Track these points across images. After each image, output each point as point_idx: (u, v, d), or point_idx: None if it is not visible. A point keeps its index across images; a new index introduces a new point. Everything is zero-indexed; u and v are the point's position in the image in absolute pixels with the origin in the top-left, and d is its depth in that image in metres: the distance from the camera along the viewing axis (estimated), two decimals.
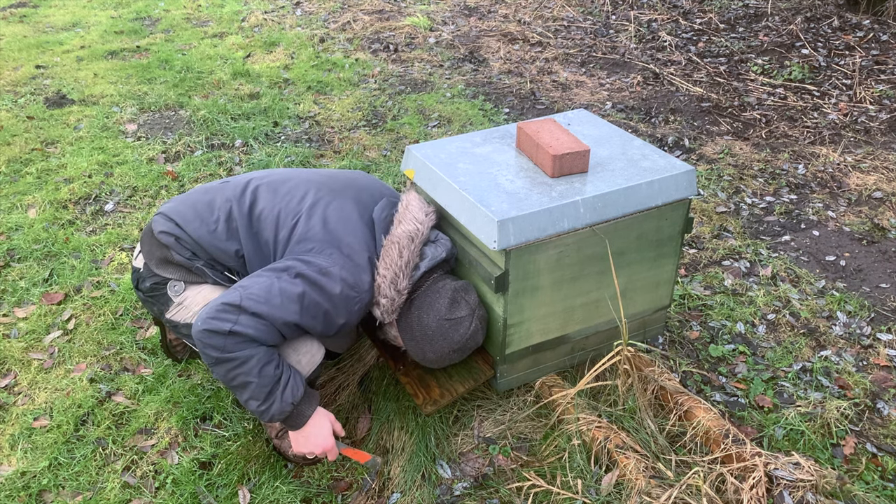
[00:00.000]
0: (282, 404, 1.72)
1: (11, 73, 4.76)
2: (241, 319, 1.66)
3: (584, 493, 1.78)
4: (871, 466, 1.95)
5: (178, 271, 1.87)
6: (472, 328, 1.82)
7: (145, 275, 1.90)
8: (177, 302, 1.87)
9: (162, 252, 1.88)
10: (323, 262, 1.74)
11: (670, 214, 1.96)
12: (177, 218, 1.90)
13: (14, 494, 1.93)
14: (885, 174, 3.38)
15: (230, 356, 1.66)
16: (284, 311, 1.69)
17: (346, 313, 1.76)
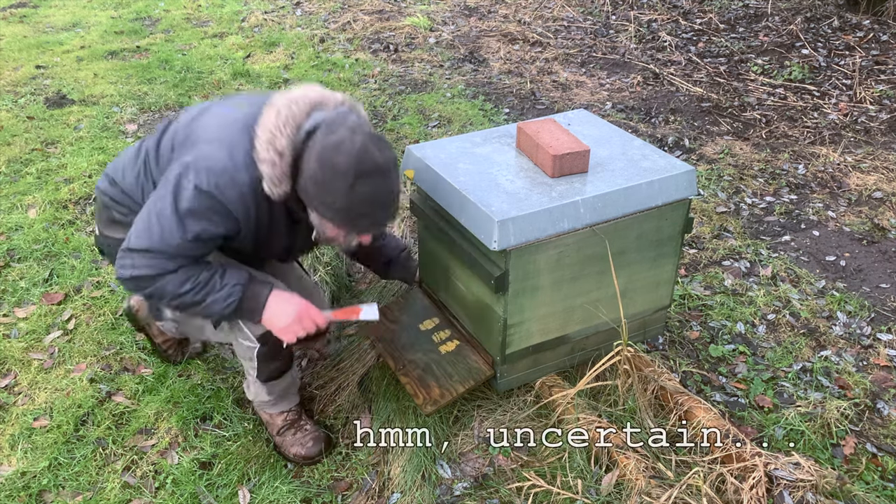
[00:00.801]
0: (225, 293, 1.65)
1: (11, 73, 4.76)
2: (136, 261, 1.61)
3: (584, 493, 1.78)
4: (871, 466, 1.95)
5: (124, 230, 1.77)
6: (358, 145, 1.52)
7: (101, 240, 1.90)
8: None
9: (106, 212, 1.86)
10: (188, 159, 1.60)
11: (670, 214, 1.96)
12: (113, 173, 1.86)
13: (14, 494, 1.93)
14: (885, 174, 3.38)
15: (151, 292, 1.65)
16: (170, 235, 1.58)
17: (233, 201, 1.58)
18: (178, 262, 1.63)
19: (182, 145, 1.67)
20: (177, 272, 1.63)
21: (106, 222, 1.87)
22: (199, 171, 1.57)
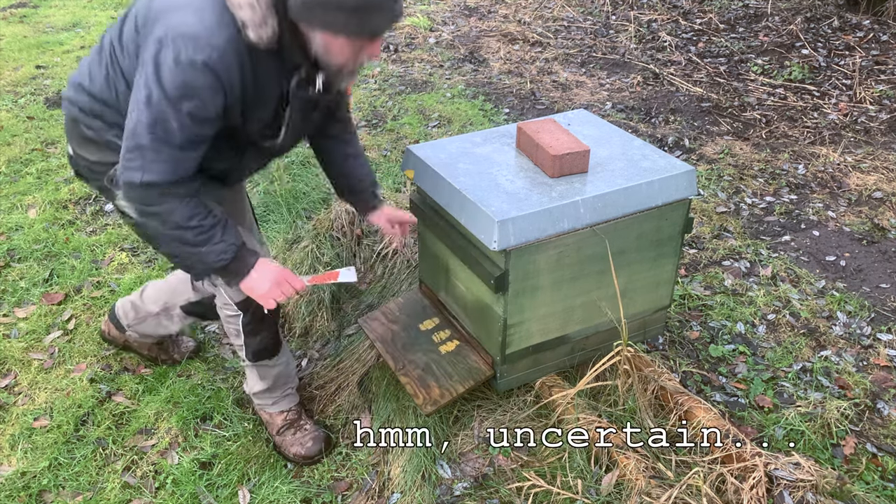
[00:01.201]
0: (221, 248, 1.60)
1: (11, 74, 4.76)
2: (146, 160, 1.47)
3: (584, 493, 1.78)
4: (871, 466, 1.95)
5: (101, 151, 1.66)
6: None
7: (75, 160, 1.74)
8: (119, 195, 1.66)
9: (75, 128, 1.69)
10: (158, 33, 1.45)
11: (670, 214, 1.96)
12: (80, 79, 1.67)
13: (14, 494, 1.93)
14: (885, 174, 3.38)
15: (155, 212, 1.54)
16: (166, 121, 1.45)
17: (215, 64, 1.44)
18: (187, 170, 1.51)
19: (146, 24, 1.51)
20: (186, 200, 1.53)
21: (78, 140, 1.70)
22: (175, 41, 1.43)
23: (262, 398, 2.04)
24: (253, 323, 1.89)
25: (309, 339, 2.45)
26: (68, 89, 1.71)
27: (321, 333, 2.45)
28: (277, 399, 2.03)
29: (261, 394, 2.03)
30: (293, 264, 2.63)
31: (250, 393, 2.05)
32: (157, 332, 2.22)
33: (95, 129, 1.65)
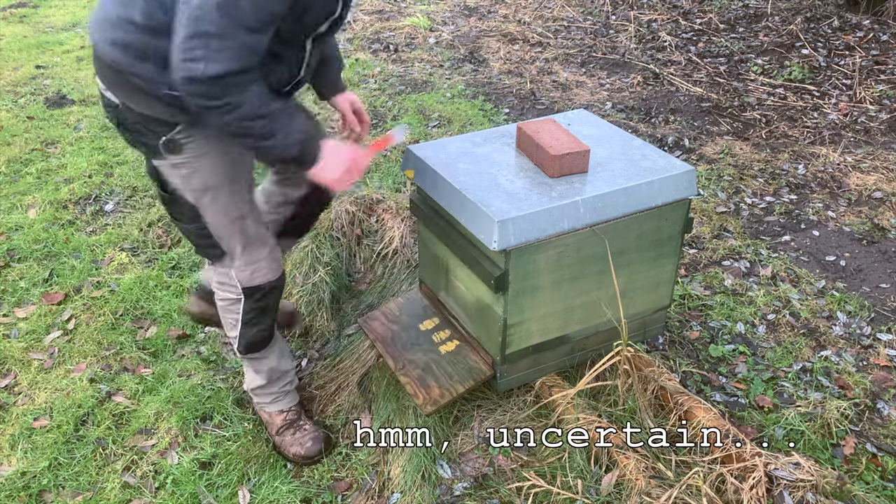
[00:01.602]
0: (295, 129, 1.49)
1: (11, 73, 4.77)
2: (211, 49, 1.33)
3: (584, 493, 1.78)
4: (871, 466, 1.95)
5: (152, 105, 1.51)
6: None
7: (121, 112, 1.56)
8: (171, 162, 1.59)
9: (120, 78, 1.51)
10: None
11: (670, 214, 1.96)
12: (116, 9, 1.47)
13: (14, 494, 1.93)
14: (885, 174, 3.38)
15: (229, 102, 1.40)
16: (235, 5, 1.33)
17: None
18: (255, 57, 1.40)
19: None
20: (253, 89, 1.41)
21: (125, 90, 1.52)
22: None
23: (260, 395, 2.03)
24: (253, 312, 1.86)
25: (309, 339, 2.45)
26: (99, 30, 1.50)
27: (321, 333, 2.45)
28: (276, 397, 2.02)
29: (258, 390, 2.02)
30: (293, 264, 2.63)
31: (249, 390, 2.04)
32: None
33: (146, 78, 1.48)
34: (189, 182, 1.65)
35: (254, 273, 1.80)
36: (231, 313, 1.88)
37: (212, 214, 1.70)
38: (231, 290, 1.84)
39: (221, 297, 1.88)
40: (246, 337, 1.90)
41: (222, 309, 1.90)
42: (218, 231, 1.73)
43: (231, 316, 1.89)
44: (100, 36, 1.51)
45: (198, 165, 1.62)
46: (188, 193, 1.67)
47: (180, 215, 1.73)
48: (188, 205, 1.69)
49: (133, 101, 1.53)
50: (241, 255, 1.77)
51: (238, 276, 1.80)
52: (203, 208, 1.69)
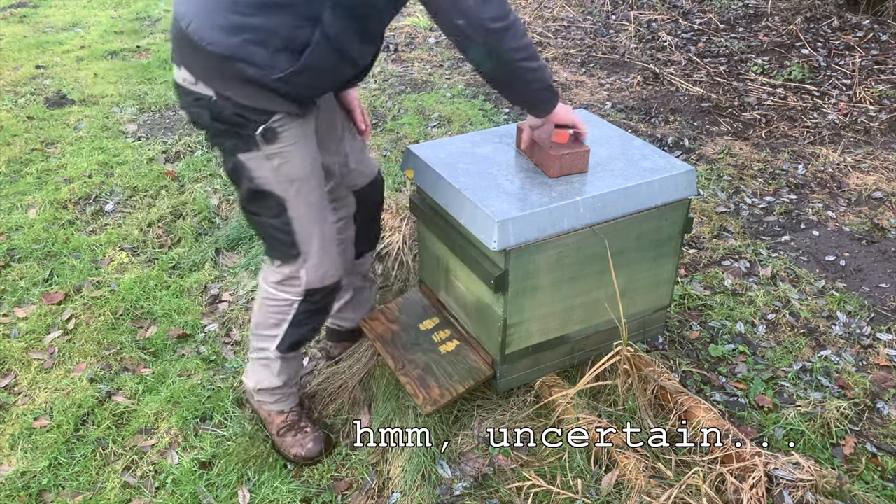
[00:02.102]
0: (545, 67, 1.63)
1: (11, 73, 4.77)
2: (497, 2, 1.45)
3: (584, 492, 1.79)
4: (871, 466, 1.95)
5: (258, 94, 1.48)
6: None
7: (221, 107, 1.50)
8: (265, 152, 1.56)
9: (228, 67, 1.45)
10: None
11: (670, 214, 1.96)
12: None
13: (14, 494, 1.93)
14: (885, 174, 3.38)
15: (516, 46, 1.52)
16: None
17: None
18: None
19: None
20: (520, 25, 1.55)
21: (229, 79, 1.46)
22: None
23: (265, 395, 2.01)
24: (308, 312, 1.82)
25: None
26: (201, 16, 1.44)
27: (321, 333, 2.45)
28: (280, 398, 2.02)
29: (267, 391, 2.00)
30: None
31: (254, 389, 2.01)
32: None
33: (258, 64, 1.44)
34: (279, 173, 1.60)
35: (325, 274, 1.77)
36: (279, 313, 1.82)
37: (297, 208, 1.66)
38: (292, 291, 1.78)
39: (276, 297, 1.81)
40: (293, 336, 1.86)
41: (267, 307, 1.83)
42: (301, 226, 1.69)
43: (277, 315, 1.83)
44: (202, 22, 1.43)
45: (289, 155, 1.59)
46: (277, 186, 1.62)
47: (265, 210, 1.67)
48: (276, 198, 1.64)
49: (235, 90, 1.48)
50: (316, 253, 1.73)
51: (309, 276, 1.76)
52: (290, 201, 1.65)
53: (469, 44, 1.50)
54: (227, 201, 3.27)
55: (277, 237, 1.71)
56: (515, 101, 1.74)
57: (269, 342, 1.90)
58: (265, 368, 1.96)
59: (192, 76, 1.50)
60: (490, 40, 1.49)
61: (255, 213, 1.71)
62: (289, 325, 1.84)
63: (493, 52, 1.51)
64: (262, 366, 1.96)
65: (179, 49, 1.51)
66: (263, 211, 1.69)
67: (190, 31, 1.44)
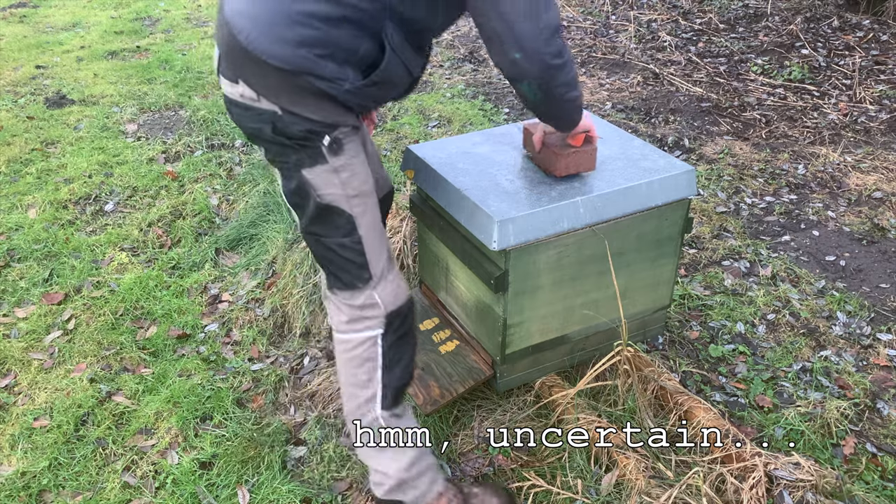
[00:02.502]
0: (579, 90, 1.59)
1: (11, 73, 4.77)
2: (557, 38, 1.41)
3: (584, 492, 1.79)
4: (871, 466, 1.95)
5: (325, 107, 1.42)
6: None
7: (287, 124, 1.43)
8: (332, 165, 1.47)
9: (296, 81, 1.38)
10: None
11: (670, 214, 1.96)
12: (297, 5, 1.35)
13: (14, 494, 1.93)
14: (885, 174, 3.38)
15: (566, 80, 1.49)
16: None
17: None
18: None
19: None
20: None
21: (298, 95, 1.40)
22: None
23: (408, 487, 1.65)
24: (395, 346, 1.61)
25: (310, 338, 2.45)
26: (267, 31, 1.36)
27: (322, 332, 2.45)
28: (425, 471, 1.66)
29: (411, 483, 1.64)
30: (293, 264, 2.64)
31: (396, 485, 1.65)
32: None
33: (327, 77, 1.38)
34: (348, 187, 1.51)
35: (398, 291, 1.60)
36: (366, 360, 1.60)
37: (365, 225, 1.54)
38: (370, 324, 1.58)
39: (356, 342, 1.60)
40: (391, 384, 1.62)
41: (351, 361, 1.61)
42: (370, 244, 1.56)
43: (366, 365, 1.60)
44: (264, 36, 1.36)
45: (355, 168, 1.51)
46: (345, 202, 1.51)
47: (334, 230, 1.53)
48: (345, 215, 1.52)
49: (303, 105, 1.41)
50: (387, 271, 1.59)
51: (383, 297, 1.58)
52: (357, 218, 1.53)
53: (523, 77, 1.46)
54: (227, 201, 3.28)
55: (349, 258, 1.55)
56: (545, 120, 1.72)
57: (372, 406, 1.63)
58: (386, 450, 1.66)
59: (252, 92, 1.42)
60: (546, 76, 1.45)
61: (322, 235, 1.55)
62: (381, 371, 1.60)
63: (544, 87, 1.48)
64: (380, 450, 1.66)
65: (236, 64, 1.42)
66: (332, 231, 1.54)
67: (251, 46, 1.36)
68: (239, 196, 3.28)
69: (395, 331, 1.61)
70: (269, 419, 2.14)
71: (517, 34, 1.38)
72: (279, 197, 3.04)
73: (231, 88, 1.46)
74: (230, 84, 1.46)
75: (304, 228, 1.58)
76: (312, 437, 2.09)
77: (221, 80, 1.50)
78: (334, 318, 1.63)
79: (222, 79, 1.49)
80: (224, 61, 1.46)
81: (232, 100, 1.48)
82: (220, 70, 1.49)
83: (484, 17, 1.40)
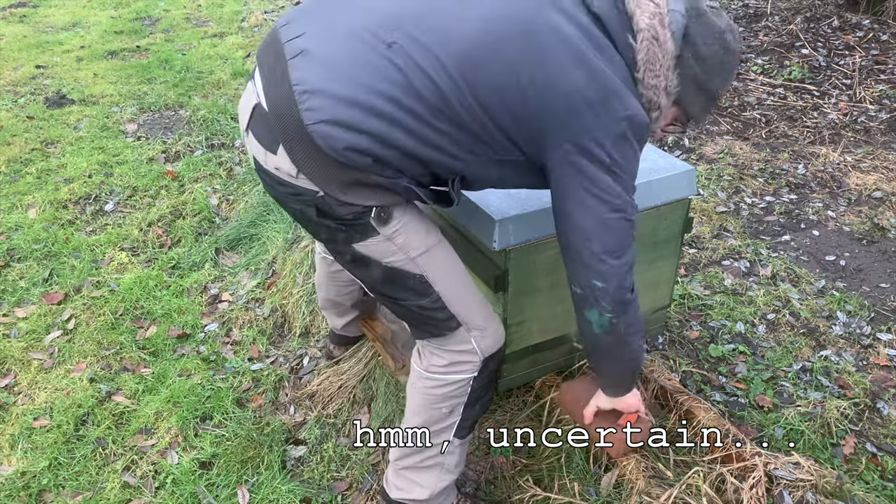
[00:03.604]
0: (641, 352, 1.48)
1: (11, 73, 4.76)
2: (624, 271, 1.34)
3: (582, 494, 1.78)
4: (871, 466, 1.95)
5: (377, 194, 1.34)
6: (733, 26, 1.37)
7: (331, 203, 1.33)
8: (385, 234, 1.39)
9: (350, 174, 1.29)
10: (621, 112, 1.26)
11: (670, 214, 1.95)
12: (380, 130, 1.24)
13: (14, 494, 1.93)
14: (884, 174, 3.38)
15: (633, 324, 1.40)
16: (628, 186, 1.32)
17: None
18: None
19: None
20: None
21: (349, 184, 1.30)
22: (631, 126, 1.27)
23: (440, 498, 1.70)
24: (482, 387, 1.59)
25: (310, 338, 2.45)
26: (354, 135, 1.23)
27: (322, 332, 2.45)
28: (450, 488, 1.72)
29: (443, 494, 1.69)
30: (293, 264, 2.64)
31: (430, 499, 1.68)
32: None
33: (388, 176, 1.30)
34: (409, 249, 1.43)
35: (496, 336, 1.57)
36: (453, 397, 1.57)
37: (441, 280, 1.48)
38: (467, 368, 1.55)
39: (448, 382, 1.56)
40: (471, 417, 1.61)
41: (435, 397, 1.57)
42: (452, 296, 1.49)
43: (451, 401, 1.57)
44: (333, 115, 1.22)
45: (409, 228, 1.43)
46: (410, 264, 1.44)
47: (408, 293, 1.47)
48: (415, 276, 1.45)
49: (352, 195, 1.32)
50: (479, 317, 1.54)
51: (482, 344, 1.54)
52: (429, 274, 1.46)
53: (594, 306, 1.37)
54: (227, 201, 3.28)
55: (433, 317, 1.50)
56: (598, 370, 1.57)
57: (446, 434, 1.62)
58: (433, 469, 1.66)
59: (294, 167, 1.30)
60: (620, 309, 1.37)
61: (398, 299, 1.50)
62: (464, 406, 1.59)
63: (614, 320, 1.38)
64: (426, 468, 1.67)
65: (283, 134, 1.28)
66: (407, 294, 1.48)
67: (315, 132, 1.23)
68: (239, 196, 3.28)
69: (488, 373, 1.58)
70: (268, 419, 2.14)
71: (601, 267, 1.33)
72: None
73: (265, 157, 1.34)
74: (264, 152, 1.33)
75: (375, 291, 1.51)
76: (312, 436, 2.09)
77: (250, 139, 1.36)
78: (426, 362, 1.58)
79: (252, 139, 1.36)
80: (262, 122, 1.33)
81: (263, 168, 1.36)
82: (252, 128, 1.36)
83: (571, 235, 1.35)
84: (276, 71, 1.30)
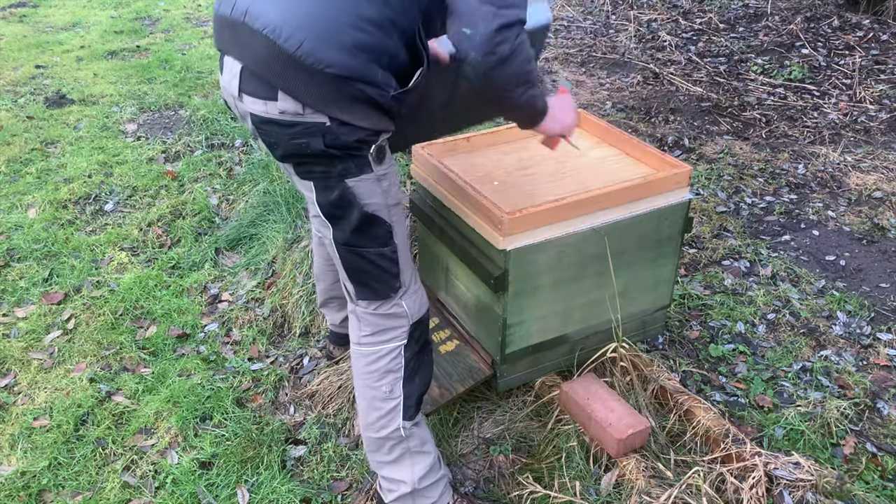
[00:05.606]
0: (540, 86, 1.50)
1: (11, 73, 4.76)
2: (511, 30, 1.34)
3: (582, 493, 1.78)
4: (871, 466, 1.95)
5: (372, 115, 1.40)
6: None
7: (338, 132, 1.39)
8: (377, 173, 1.46)
9: (344, 88, 1.35)
10: None
11: (670, 214, 1.96)
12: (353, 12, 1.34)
13: (14, 494, 1.93)
14: (885, 174, 3.38)
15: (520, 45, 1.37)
16: None
17: None
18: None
19: None
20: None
21: (346, 104, 1.36)
22: None
23: (430, 490, 1.68)
24: (416, 354, 1.61)
25: (310, 338, 2.45)
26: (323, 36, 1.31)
27: (321, 332, 2.45)
28: (442, 478, 1.71)
29: (427, 490, 1.68)
30: (293, 264, 2.64)
31: (417, 486, 1.66)
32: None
33: (378, 83, 1.36)
34: (388, 196, 1.50)
35: (421, 301, 1.61)
36: (387, 374, 1.59)
37: (400, 234, 1.54)
38: (395, 336, 1.59)
39: (379, 354, 1.59)
40: (413, 394, 1.62)
41: (372, 376, 1.59)
42: (403, 252, 1.55)
43: (387, 381, 1.59)
44: (319, 43, 1.31)
45: (392, 177, 1.51)
46: (386, 211, 1.50)
47: (372, 240, 1.51)
48: (385, 225, 1.51)
49: (352, 114, 1.37)
50: (413, 280, 1.60)
51: (409, 306, 1.58)
52: (395, 227, 1.53)
53: (465, 57, 1.37)
54: (226, 201, 3.28)
55: (384, 268, 1.53)
56: (499, 115, 1.63)
57: (394, 418, 1.61)
58: (403, 458, 1.66)
59: (298, 105, 1.36)
60: (486, 64, 1.37)
61: (361, 247, 1.52)
62: (403, 383, 1.60)
63: (484, 76, 1.39)
64: (395, 462, 1.66)
65: (276, 76, 1.35)
66: (370, 242, 1.52)
67: (303, 54, 1.31)
68: (239, 196, 3.27)
69: (417, 341, 1.61)
70: (268, 419, 2.14)
71: (472, 9, 1.33)
72: (278, 197, 3.04)
73: (265, 106, 1.38)
74: (263, 102, 1.38)
75: (342, 240, 1.53)
76: (312, 436, 2.09)
77: (246, 100, 1.41)
78: (355, 331, 1.61)
79: (248, 99, 1.41)
80: (251, 79, 1.39)
81: (267, 119, 1.40)
82: (245, 89, 1.41)
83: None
84: (238, 36, 1.38)
